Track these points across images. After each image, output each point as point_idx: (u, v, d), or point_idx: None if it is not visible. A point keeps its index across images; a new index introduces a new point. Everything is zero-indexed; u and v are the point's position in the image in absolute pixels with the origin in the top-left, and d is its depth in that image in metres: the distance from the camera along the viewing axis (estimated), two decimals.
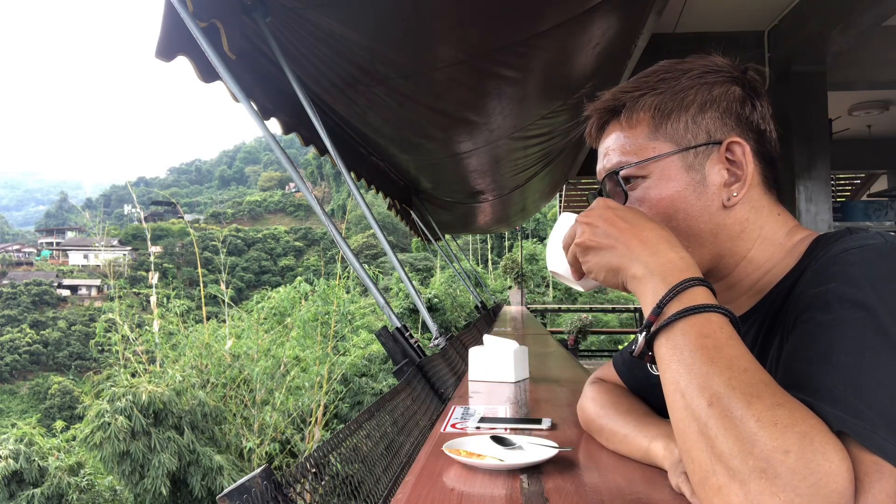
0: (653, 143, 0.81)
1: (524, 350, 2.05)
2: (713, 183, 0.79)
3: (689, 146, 0.79)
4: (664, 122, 0.80)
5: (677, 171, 0.79)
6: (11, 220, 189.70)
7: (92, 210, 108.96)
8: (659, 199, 0.79)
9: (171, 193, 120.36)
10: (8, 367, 49.89)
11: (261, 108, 2.72)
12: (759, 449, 0.51)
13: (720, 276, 0.83)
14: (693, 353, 0.59)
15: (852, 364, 0.56)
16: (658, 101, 0.81)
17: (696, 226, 0.79)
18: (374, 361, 12.94)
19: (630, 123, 0.83)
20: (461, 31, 2.46)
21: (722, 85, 0.81)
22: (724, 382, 0.56)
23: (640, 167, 0.80)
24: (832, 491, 0.50)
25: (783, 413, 0.53)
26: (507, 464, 1.02)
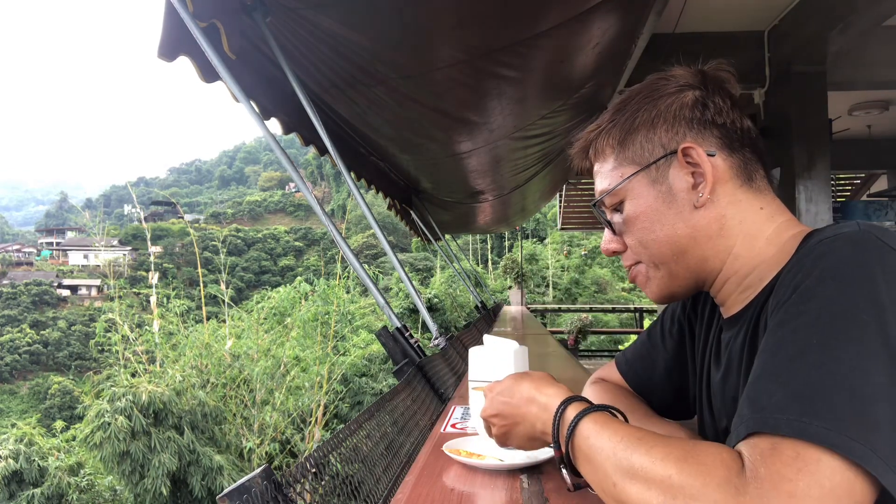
0: (619, 169, 0.87)
1: (524, 350, 2.05)
2: (680, 189, 0.83)
3: (648, 163, 0.85)
4: (624, 149, 0.87)
5: (644, 187, 0.85)
6: (11, 220, 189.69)
7: (92, 210, 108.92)
8: (635, 216, 0.85)
9: (171, 193, 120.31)
10: (8, 367, 49.86)
11: (261, 108, 2.72)
12: (653, 483, 0.62)
13: (711, 276, 0.86)
14: (588, 458, 0.72)
15: (788, 366, 0.62)
16: (615, 131, 0.88)
17: (674, 233, 0.83)
18: (374, 361, 12.94)
19: (599, 158, 0.91)
20: (461, 31, 2.45)
21: (669, 97, 0.85)
22: (614, 460, 0.67)
23: (613, 194, 0.87)
24: (713, 484, 0.58)
25: (661, 450, 0.64)
26: (507, 464, 1.02)
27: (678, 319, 1.05)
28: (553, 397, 0.84)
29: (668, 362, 1.05)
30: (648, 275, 0.88)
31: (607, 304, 29.11)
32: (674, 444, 0.65)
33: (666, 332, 1.07)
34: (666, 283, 0.87)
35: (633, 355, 1.12)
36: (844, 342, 0.60)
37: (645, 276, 0.89)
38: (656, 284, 0.88)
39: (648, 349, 1.10)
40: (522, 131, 4.04)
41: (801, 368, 0.61)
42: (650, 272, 0.87)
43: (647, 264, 0.87)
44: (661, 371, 1.06)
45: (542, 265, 36.97)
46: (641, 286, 0.91)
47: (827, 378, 0.59)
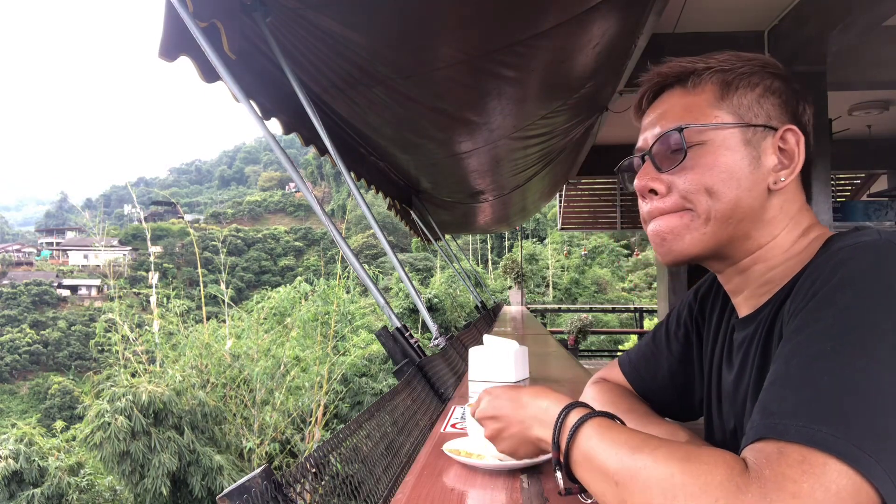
0: (716, 111, 0.83)
1: (524, 350, 2.05)
2: (765, 164, 0.81)
3: (750, 123, 0.82)
4: (729, 95, 0.83)
5: (737, 143, 0.81)
6: (11, 220, 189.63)
7: (92, 210, 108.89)
8: (714, 165, 0.80)
9: (171, 193, 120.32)
10: (8, 367, 49.84)
11: (261, 108, 2.72)
12: (653, 483, 0.62)
13: (740, 256, 0.84)
14: (590, 460, 0.71)
15: (801, 372, 0.62)
16: (725, 75, 0.84)
17: (743, 198, 0.80)
18: (374, 361, 12.94)
19: (695, 90, 0.85)
20: (461, 31, 2.45)
21: (781, 80, 0.85)
22: (616, 460, 0.67)
23: (699, 131, 0.82)
24: (714, 484, 0.58)
25: (664, 451, 0.64)
26: (507, 464, 1.02)
27: (684, 323, 1.05)
28: (555, 403, 0.83)
29: (673, 365, 1.05)
30: (691, 226, 0.82)
31: (607, 304, 29.10)
32: (676, 447, 0.65)
33: (671, 334, 1.07)
34: (703, 240, 0.82)
35: (637, 357, 1.13)
36: (859, 351, 0.61)
37: (683, 226, 0.83)
38: (692, 239, 0.82)
39: (653, 351, 1.10)
40: (522, 131, 4.04)
41: (814, 375, 0.61)
42: (694, 223, 0.82)
43: (699, 215, 0.81)
44: (665, 373, 1.06)
45: (542, 265, 36.98)
46: (668, 237, 0.84)
47: (839, 385, 0.59)
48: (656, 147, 0.85)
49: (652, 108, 0.90)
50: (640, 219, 0.89)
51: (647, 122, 0.89)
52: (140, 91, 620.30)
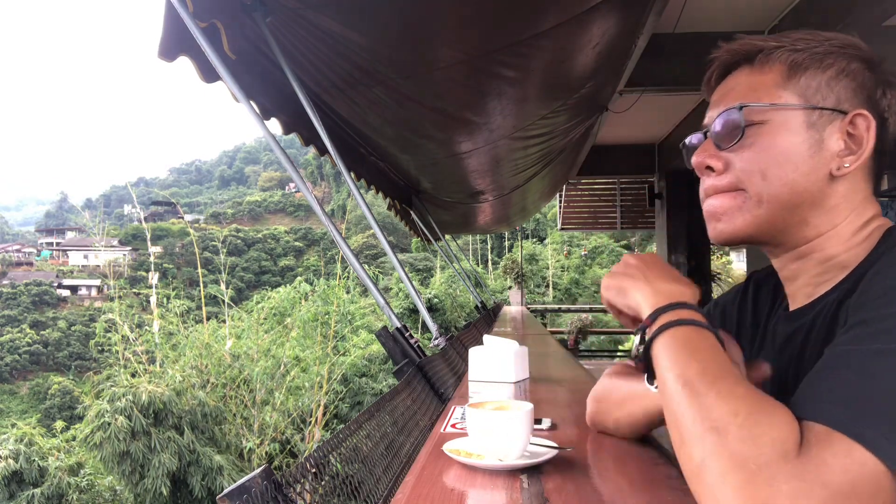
0: (781, 91, 0.81)
1: (524, 350, 2.05)
2: (828, 148, 0.79)
3: (816, 106, 0.79)
4: (797, 76, 0.81)
5: (799, 125, 0.79)
6: (11, 220, 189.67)
7: (92, 210, 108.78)
8: (772, 146, 0.79)
9: (171, 193, 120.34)
10: (8, 367, 49.86)
11: (261, 108, 2.72)
12: (716, 413, 0.63)
13: (792, 243, 0.83)
14: (678, 351, 0.72)
15: (864, 365, 0.62)
16: (796, 56, 0.82)
17: (800, 183, 0.79)
18: (374, 361, 12.94)
19: (762, 69, 0.83)
20: (461, 31, 2.46)
21: (861, 61, 0.81)
22: (697, 370, 0.68)
23: (761, 111, 0.80)
24: (772, 439, 0.59)
25: (740, 390, 0.65)
26: (507, 464, 1.02)
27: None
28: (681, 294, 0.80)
29: None
30: (744, 207, 0.81)
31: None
32: (754, 393, 0.65)
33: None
34: (755, 222, 0.81)
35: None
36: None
37: (736, 207, 0.81)
38: (744, 220, 0.81)
39: None
40: (522, 131, 4.04)
41: (874, 372, 0.61)
42: (748, 205, 0.81)
43: (753, 197, 0.80)
44: None
45: (542, 265, 36.98)
46: (720, 215, 0.83)
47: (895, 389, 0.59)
48: (717, 124, 0.84)
49: (721, 85, 0.89)
50: (699, 196, 0.88)
51: (714, 100, 0.88)
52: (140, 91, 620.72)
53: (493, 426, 1.02)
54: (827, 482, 0.57)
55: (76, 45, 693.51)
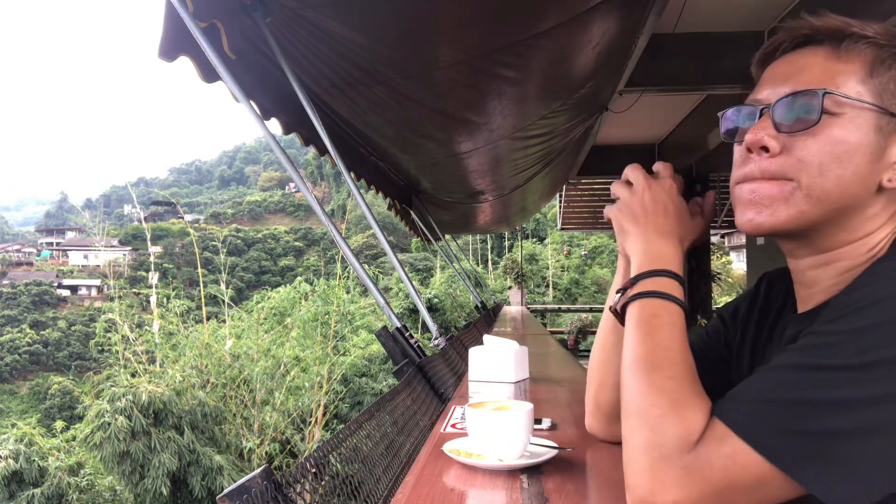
0: (860, 86, 0.75)
1: (524, 350, 2.05)
2: (888, 157, 0.75)
3: (890, 111, 0.74)
4: (880, 73, 0.75)
5: (870, 126, 0.74)
6: (11, 220, 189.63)
7: (92, 210, 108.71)
8: (843, 141, 0.73)
9: (171, 193, 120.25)
10: (8, 367, 49.84)
11: (261, 108, 2.72)
12: (643, 401, 0.73)
13: (823, 246, 0.79)
14: (639, 325, 0.80)
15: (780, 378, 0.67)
16: (881, 51, 0.76)
17: (854, 186, 0.74)
18: (374, 361, 12.94)
19: (846, 57, 0.76)
20: (461, 31, 2.46)
21: None
22: (645, 352, 0.77)
23: (840, 102, 0.74)
24: (675, 435, 0.69)
25: (671, 385, 0.73)
26: (507, 464, 1.02)
27: (720, 334, 1.02)
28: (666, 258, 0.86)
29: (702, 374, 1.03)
30: (791, 199, 0.75)
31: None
32: (679, 386, 0.73)
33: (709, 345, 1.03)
34: (799, 217, 0.76)
35: None
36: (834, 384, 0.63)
37: (783, 198, 0.76)
38: (788, 214, 0.76)
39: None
40: (522, 131, 4.04)
41: (784, 382, 0.66)
42: (795, 198, 0.75)
43: (804, 189, 0.75)
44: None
45: (542, 265, 36.96)
46: (764, 204, 0.77)
47: (802, 401, 0.64)
48: (783, 104, 0.76)
49: (786, 60, 0.81)
50: (733, 175, 0.82)
51: (776, 74, 0.80)
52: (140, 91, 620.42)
53: (493, 426, 1.02)
54: (707, 477, 0.66)
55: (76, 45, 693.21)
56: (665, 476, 0.67)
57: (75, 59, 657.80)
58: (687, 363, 0.77)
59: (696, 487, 0.66)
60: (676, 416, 0.70)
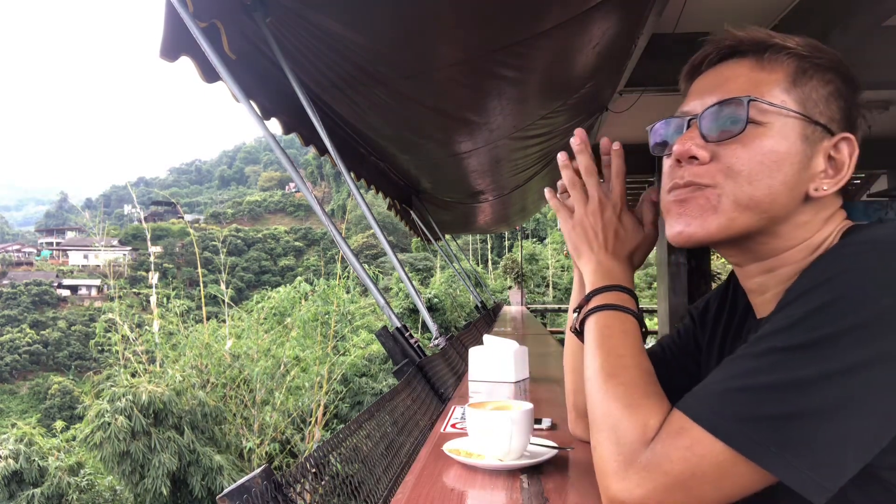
0: (785, 96, 0.76)
1: (524, 350, 2.05)
2: (814, 167, 0.75)
3: (813, 119, 0.75)
4: (802, 83, 0.76)
5: (796, 135, 0.75)
6: (11, 220, 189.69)
7: (92, 210, 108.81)
8: (770, 152, 0.74)
9: (171, 193, 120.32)
10: (8, 367, 49.85)
11: (261, 108, 2.72)
12: (599, 409, 0.77)
13: (760, 254, 0.80)
14: (594, 338, 0.84)
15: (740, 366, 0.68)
16: (802, 62, 0.77)
17: (782, 195, 0.75)
18: (374, 361, 12.94)
19: (769, 67, 0.77)
20: (461, 31, 2.46)
21: (851, 84, 0.79)
22: (599, 363, 0.80)
23: (765, 110, 0.75)
24: (630, 440, 0.71)
25: (622, 391, 0.76)
26: (507, 464, 1.02)
27: (692, 335, 1.03)
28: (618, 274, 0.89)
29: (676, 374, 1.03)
30: (719, 207, 0.76)
31: None
32: (633, 389, 0.76)
33: (680, 346, 1.04)
34: (728, 226, 0.76)
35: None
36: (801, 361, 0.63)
37: (710, 206, 0.76)
38: (719, 224, 0.76)
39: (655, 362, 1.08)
40: (522, 131, 4.04)
41: (742, 370, 0.66)
42: (723, 206, 0.75)
43: (732, 198, 0.75)
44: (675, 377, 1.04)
45: (542, 265, 36.97)
46: (691, 215, 0.78)
47: (759, 386, 0.64)
48: (709, 114, 0.77)
49: (712, 72, 0.82)
50: (662, 186, 0.83)
51: (702, 86, 0.81)
52: (140, 91, 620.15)
53: (493, 426, 1.02)
54: (668, 471, 0.66)
55: (77, 46, 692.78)
56: (627, 476, 0.69)
57: (76, 59, 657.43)
58: (640, 368, 0.79)
59: (659, 482, 0.67)
60: (630, 418, 0.73)
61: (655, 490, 0.67)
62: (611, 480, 0.71)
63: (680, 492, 0.66)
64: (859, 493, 0.64)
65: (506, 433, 1.00)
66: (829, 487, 0.60)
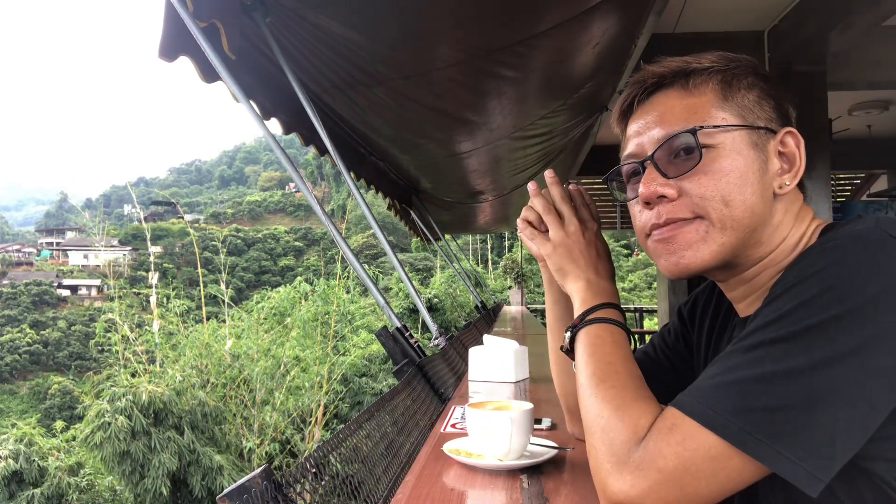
0: (721, 113, 0.78)
1: (524, 350, 2.05)
2: (771, 168, 0.78)
3: (755, 126, 0.78)
4: (732, 96, 0.79)
5: (746, 146, 0.78)
6: (11, 220, 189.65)
7: (92, 210, 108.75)
8: (731, 171, 0.76)
9: (171, 193, 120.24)
10: (8, 367, 49.85)
11: (261, 108, 2.72)
12: (591, 414, 0.77)
13: (745, 265, 0.81)
14: (585, 348, 0.85)
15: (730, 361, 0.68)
16: (725, 75, 0.80)
17: (757, 205, 0.77)
18: (374, 361, 12.93)
19: (696, 91, 0.80)
20: (461, 31, 2.45)
21: (771, 82, 0.82)
22: (591, 370, 0.82)
23: (710, 134, 0.77)
24: (622, 441, 0.71)
25: (612, 393, 0.77)
26: (507, 464, 1.02)
27: (672, 343, 1.06)
28: (606, 292, 0.91)
29: (668, 374, 1.05)
30: (707, 236, 0.77)
31: None
32: (624, 392, 0.77)
33: (669, 345, 1.07)
34: (720, 251, 0.78)
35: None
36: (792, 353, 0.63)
37: (699, 237, 0.78)
38: (710, 250, 0.78)
39: (647, 362, 1.09)
40: (522, 131, 4.04)
41: (733, 364, 0.67)
42: (711, 234, 0.77)
43: (715, 224, 0.77)
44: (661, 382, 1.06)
45: None
46: (680, 247, 0.79)
47: (751, 378, 0.64)
48: (660, 152, 0.79)
49: (643, 110, 0.84)
50: (638, 230, 0.84)
51: (641, 126, 0.83)
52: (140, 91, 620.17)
53: (493, 426, 1.02)
54: (661, 468, 0.67)
55: (76, 45, 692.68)
56: (621, 476, 0.69)
57: (75, 59, 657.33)
58: (629, 373, 0.80)
59: (653, 479, 0.67)
60: (620, 419, 0.73)
61: (651, 487, 0.67)
62: (606, 482, 0.71)
63: (674, 488, 0.66)
64: (843, 485, 0.65)
65: (506, 433, 1.00)
66: (822, 478, 0.61)
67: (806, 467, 0.61)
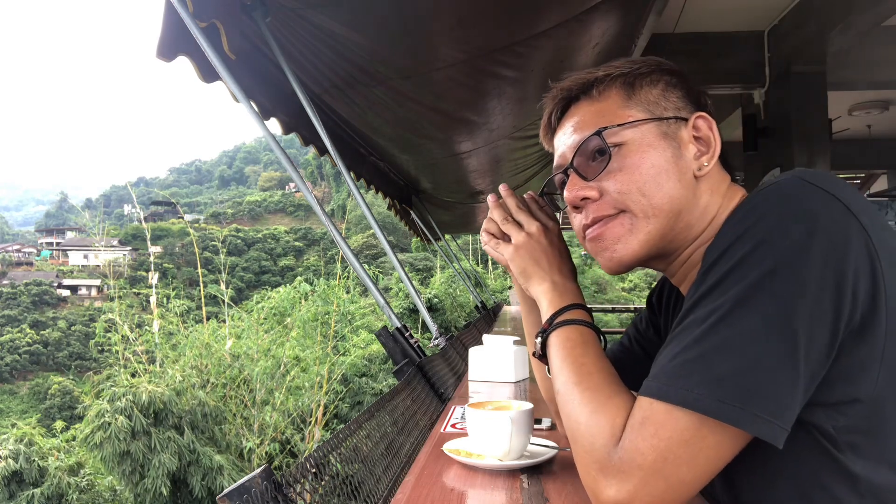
0: (627, 111, 0.83)
1: (524, 350, 2.05)
2: (686, 153, 0.82)
3: (662, 116, 0.83)
4: (636, 94, 0.84)
5: (655, 138, 0.82)
6: (11, 220, 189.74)
7: (92, 210, 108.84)
8: (641, 162, 0.81)
9: (171, 193, 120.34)
10: (8, 367, 49.86)
11: (261, 108, 2.72)
12: (571, 419, 0.78)
13: (680, 250, 0.85)
14: (557, 353, 0.85)
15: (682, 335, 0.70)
16: (626, 77, 0.86)
17: (676, 190, 0.81)
18: (374, 361, 12.94)
19: (602, 97, 0.86)
20: (461, 31, 2.45)
21: (677, 75, 0.87)
22: (566, 375, 0.82)
23: (618, 132, 0.82)
24: (602, 444, 0.71)
25: (588, 395, 0.77)
26: (507, 464, 1.02)
27: (649, 322, 1.08)
28: (571, 292, 0.92)
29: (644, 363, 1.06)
30: (633, 228, 0.82)
31: (607, 303, 29.12)
32: (597, 394, 0.77)
33: (642, 333, 1.10)
34: (649, 239, 0.82)
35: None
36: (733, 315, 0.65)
37: (625, 230, 0.82)
38: (639, 240, 0.82)
39: (624, 354, 1.12)
40: (522, 131, 4.04)
41: (687, 338, 0.68)
42: (637, 225, 0.81)
43: (638, 215, 0.81)
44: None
45: None
46: (614, 243, 0.83)
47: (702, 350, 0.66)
48: (577, 158, 0.85)
49: (561, 124, 0.91)
50: (576, 234, 0.89)
51: (562, 140, 0.89)
52: (140, 91, 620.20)
53: (493, 426, 1.02)
54: (641, 464, 0.67)
55: (76, 45, 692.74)
56: (607, 482, 0.70)
57: (75, 59, 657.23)
58: (601, 371, 0.81)
59: (637, 477, 0.67)
60: (596, 421, 0.74)
61: (636, 487, 0.67)
62: (596, 489, 0.71)
63: (658, 480, 0.66)
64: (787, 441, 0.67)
65: (506, 433, 1.00)
66: (788, 429, 0.64)
67: (780, 424, 0.63)
